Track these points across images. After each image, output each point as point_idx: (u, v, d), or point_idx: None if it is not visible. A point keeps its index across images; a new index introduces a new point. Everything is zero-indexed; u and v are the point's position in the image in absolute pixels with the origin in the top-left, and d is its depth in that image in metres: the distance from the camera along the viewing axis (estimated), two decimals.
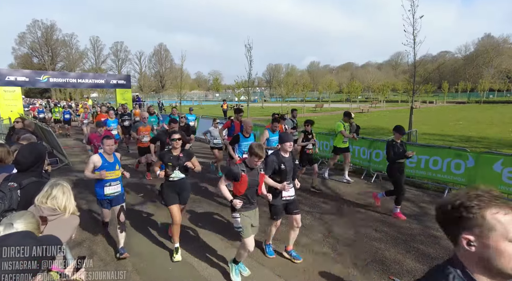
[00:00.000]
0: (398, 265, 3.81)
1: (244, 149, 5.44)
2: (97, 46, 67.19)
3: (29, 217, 1.46)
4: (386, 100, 47.39)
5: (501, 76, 59.22)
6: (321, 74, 77.41)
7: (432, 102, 46.44)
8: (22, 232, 1.28)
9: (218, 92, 72.67)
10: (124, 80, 23.09)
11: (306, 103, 43.00)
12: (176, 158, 4.01)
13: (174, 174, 4.00)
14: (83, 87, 22.92)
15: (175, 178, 4.02)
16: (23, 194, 2.24)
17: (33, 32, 61.07)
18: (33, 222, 1.46)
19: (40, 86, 21.48)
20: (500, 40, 63.39)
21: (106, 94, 53.78)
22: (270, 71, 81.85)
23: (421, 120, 19.61)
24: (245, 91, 33.97)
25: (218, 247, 4.26)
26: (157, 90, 69.37)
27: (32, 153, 2.43)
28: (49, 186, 2.10)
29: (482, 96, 49.25)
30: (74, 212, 2.16)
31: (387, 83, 49.86)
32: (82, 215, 5.47)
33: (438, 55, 70.10)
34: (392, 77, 66.21)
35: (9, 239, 1.14)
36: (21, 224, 1.40)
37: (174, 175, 4.00)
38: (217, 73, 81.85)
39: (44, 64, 60.06)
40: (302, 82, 58.40)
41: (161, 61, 73.55)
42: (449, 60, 68.55)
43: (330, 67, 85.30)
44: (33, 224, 1.45)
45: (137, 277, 3.57)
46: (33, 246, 1.11)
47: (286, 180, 3.75)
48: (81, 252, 4.07)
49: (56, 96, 56.49)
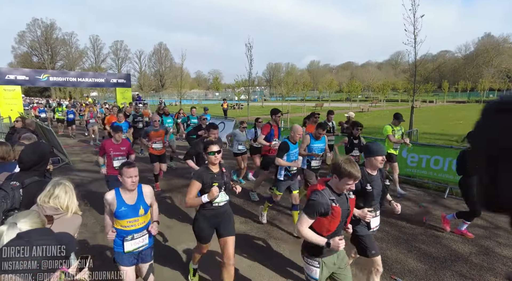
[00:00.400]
0: (400, 265, 3.80)
1: (293, 158, 4.67)
2: (97, 45, 67.15)
3: (35, 217, 1.45)
4: (386, 99, 47.41)
5: (501, 75, 59.19)
6: (321, 74, 77.35)
7: (432, 101, 46.47)
8: (39, 230, 1.27)
9: (218, 91, 72.66)
10: (124, 79, 23.09)
11: (306, 102, 43.00)
12: (220, 176, 3.08)
13: (220, 198, 3.04)
14: (83, 86, 22.90)
15: (220, 202, 3.07)
16: (26, 193, 2.23)
17: (33, 31, 61.06)
18: (38, 222, 1.44)
19: (40, 85, 21.46)
20: (500, 40, 63.34)
21: (106, 93, 53.73)
22: (270, 70, 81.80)
23: (422, 120, 19.60)
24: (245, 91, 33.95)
25: None
26: (157, 89, 69.38)
27: (36, 152, 2.42)
28: (51, 185, 2.09)
29: (482, 96, 49.27)
30: (77, 211, 2.16)
31: (387, 82, 49.86)
32: (83, 214, 5.47)
33: (438, 55, 70.04)
34: (392, 77, 66.19)
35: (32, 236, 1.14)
36: (26, 224, 1.39)
37: (220, 198, 3.04)
38: (217, 72, 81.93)
39: (44, 63, 60.02)
40: (302, 81, 58.46)
41: (161, 60, 73.49)
42: (449, 59, 68.55)
43: (330, 67, 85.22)
44: (38, 224, 1.43)
45: None
46: (53, 246, 1.10)
47: (370, 205, 2.87)
48: (82, 251, 4.06)
49: (56, 95, 56.43)
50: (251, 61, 16.48)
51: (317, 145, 5.13)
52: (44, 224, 1.49)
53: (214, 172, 3.05)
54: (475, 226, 4.74)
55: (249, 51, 16.28)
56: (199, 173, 3.04)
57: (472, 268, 3.70)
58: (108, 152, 4.92)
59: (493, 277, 3.51)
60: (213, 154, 3.02)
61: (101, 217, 5.22)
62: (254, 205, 5.84)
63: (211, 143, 3.07)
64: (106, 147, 4.93)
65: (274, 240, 4.49)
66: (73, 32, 64.38)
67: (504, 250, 4.11)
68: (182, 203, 5.84)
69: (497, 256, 3.98)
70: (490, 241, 4.38)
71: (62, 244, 1.12)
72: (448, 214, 4.73)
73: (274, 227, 4.92)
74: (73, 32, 64.38)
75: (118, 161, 4.89)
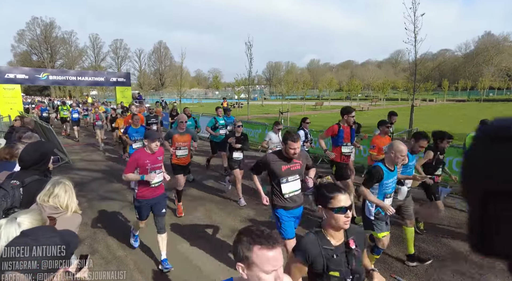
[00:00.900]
0: (400, 264, 3.81)
1: (388, 190, 3.29)
2: (97, 43, 67.06)
3: (36, 214, 1.45)
4: (386, 98, 47.38)
5: (501, 74, 59.14)
6: (321, 72, 77.22)
7: (432, 100, 46.46)
8: (44, 227, 1.27)
9: (217, 90, 72.59)
10: (123, 78, 23.07)
11: (306, 101, 42.98)
12: (343, 253, 1.92)
13: None
14: (83, 85, 22.89)
15: None
16: (26, 192, 2.23)
17: (32, 29, 60.98)
18: (38, 220, 1.44)
19: (39, 84, 21.46)
20: (501, 38, 63.26)
21: (106, 92, 53.71)
22: (270, 69, 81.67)
23: (422, 119, 19.59)
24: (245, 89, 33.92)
25: (221, 245, 4.26)
26: (156, 88, 69.32)
27: (37, 150, 2.42)
28: (51, 184, 2.09)
29: (482, 95, 49.22)
30: (76, 211, 2.15)
31: (387, 81, 49.82)
32: (83, 212, 5.48)
33: (438, 53, 69.94)
34: (392, 75, 66.12)
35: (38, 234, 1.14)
36: (26, 220, 1.39)
37: None
38: (217, 71, 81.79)
39: (44, 61, 59.94)
40: (302, 80, 58.41)
41: (160, 59, 73.40)
42: (449, 58, 68.49)
43: (330, 65, 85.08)
44: (38, 222, 1.43)
45: (138, 275, 3.57)
46: (58, 244, 1.10)
47: None
48: (82, 250, 4.06)
49: (56, 94, 56.38)
50: (251, 60, 16.49)
51: (412, 163, 3.89)
52: (45, 223, 1.48)
53: (333, 245, 1.76)
54: None
55: (249, 49, 16.30)
56: (304, 245, 1.76)
57: (472, 267, 3.71)
58: (143, 166, 3.76)
59: (493, 275, 3.51)
60: (344, 212, 1.73)
61: (101, 216, 5.24)
62: None
63: (337, 190, 1.79)
64: (141, 160, 3.75)
65: None
66: (73, 31, 64.37)
67: None
68: None
69: None
70: None
71: (66, 242, 1.12)
72: None
73: None
74: (73, 31, 64.37)
75: (155, 174, 3.82)
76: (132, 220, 4.68)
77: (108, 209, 5.53)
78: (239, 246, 1.29)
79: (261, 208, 5.30)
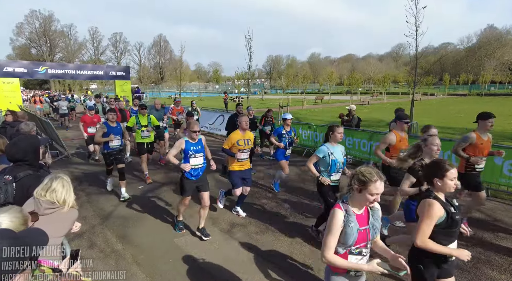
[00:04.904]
0: None
1: None
2: (96, 37, 66.70)
3: (15, 212, 1.42)
4: (387, 92, 47.21)
5: (503, 68, 58.70)
6: (322, 66, 76.75)
7: (433, 94, 46.27)
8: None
9: (218, 84, 72.31)
10: (123, 72, 22.96)
11: (307, 95, 42.82)
12: None
13: None
14: (82, 78, 22.77)
15: None
16: (19, 187, 2.21)
17: (31, 22, 60.53)
18: (19, 217, 1.41)
19: (38, 77, 21.34)
20: (504, 31, 62.67)
21: (105, 86, 53.52)
22: (271, 62, 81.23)
23: (422, 113, 19.54)
24: (245, 83, 33.74)
25: (219, 239, 4.27)
26: (156, 82, 69.07)
27: (23, 142, 2.37)
28: (48, 179, 2.08)
29: (484, 89, 48.96)
30: (73, 206, 2.14)
31: (388, 75, 49.52)
32: (82, 206, 5.48)
33: (439, 47, 69.43)
34: (393, 69, 65.71)
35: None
36: (5, 218, 1.36)
37: None
38: (217, 65, 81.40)
39: (43, 55, 59.64)
40: (303, 74, 58.03)
41: (160, 53, 73.02)
42: (451, 52, 67.94)
43: (331, 59, 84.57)
44: (19, 219, 1.40)
45: (136, 268, 3.58)
46: (4, 247, 1.04)
47: None
48: (81, 244, 4.08)
49: (55, 88, 56.22)
50: (251, 53, 16.38)
51: None
52: (27, 219, 1.46)
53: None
54: (472, 218, 4.74)
55: (248, 43, 16.15)
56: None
57: (469, 261, 3.70)
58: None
59: (489, 269, 3.52)
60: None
61: (100, 210, 5.25)
62: None
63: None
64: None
65: (272, 232, 4.50)
66: (72, 24, 64.04)
67: (502, 243, 4.12)
68: None
69: (494, 248, 3.99)
70: (487, 233, 4.38)
71: (22, 245, 1.06)
72: None
73: (274, 216, 4.92)
74: (72, 24, 64.04)
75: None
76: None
77: (107, 203, 5.54)
78: None
79: (257, 208, 5.27)
